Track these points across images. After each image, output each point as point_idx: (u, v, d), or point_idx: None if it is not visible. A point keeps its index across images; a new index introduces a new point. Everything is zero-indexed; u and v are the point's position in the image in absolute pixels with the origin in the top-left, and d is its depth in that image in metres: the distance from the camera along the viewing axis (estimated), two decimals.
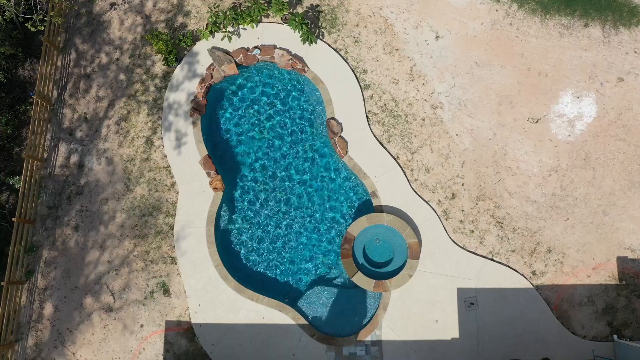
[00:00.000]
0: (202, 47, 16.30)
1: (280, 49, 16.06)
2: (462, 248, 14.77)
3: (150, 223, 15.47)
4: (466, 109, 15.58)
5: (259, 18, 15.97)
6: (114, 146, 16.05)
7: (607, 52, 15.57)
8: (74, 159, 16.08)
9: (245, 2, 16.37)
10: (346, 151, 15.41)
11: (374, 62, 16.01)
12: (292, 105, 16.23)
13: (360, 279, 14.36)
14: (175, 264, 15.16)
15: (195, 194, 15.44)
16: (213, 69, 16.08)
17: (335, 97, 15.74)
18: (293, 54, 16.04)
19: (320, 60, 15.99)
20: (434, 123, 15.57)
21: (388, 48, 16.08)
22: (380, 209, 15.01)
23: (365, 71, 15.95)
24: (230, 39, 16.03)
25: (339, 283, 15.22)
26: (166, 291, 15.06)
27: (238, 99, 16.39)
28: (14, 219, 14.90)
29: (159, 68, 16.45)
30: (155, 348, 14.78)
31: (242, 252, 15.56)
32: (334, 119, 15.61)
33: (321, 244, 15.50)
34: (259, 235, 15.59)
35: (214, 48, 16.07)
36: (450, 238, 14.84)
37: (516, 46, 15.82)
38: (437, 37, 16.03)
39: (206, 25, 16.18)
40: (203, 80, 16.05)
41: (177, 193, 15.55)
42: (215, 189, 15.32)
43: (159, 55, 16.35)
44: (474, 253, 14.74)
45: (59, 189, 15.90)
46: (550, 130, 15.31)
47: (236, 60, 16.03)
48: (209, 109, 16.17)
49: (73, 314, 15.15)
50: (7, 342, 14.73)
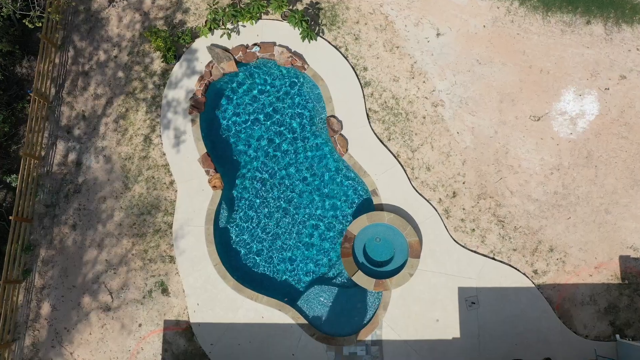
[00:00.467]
0: (201, 45, 16.18)
1: (280, 46, 15.96)
2: (463, 247, 14.68)
3: (148, 221, 15.38)
4: (467, 107, 15.48)
5: (258, 15, 15.87)
6: (112, 144, 15.95)
7: (610, 50, 15.45)
8: (72, 157, 15.97)
9: None
10: (346, 149, 15.31)
11: (375, 60, 15.90)
12: (292, 102, 16.12)
13: (360, 278, 14.27)
14: (174, 263, 15.07)
15: (194, 192, 15.34)
16: (212, 67, 15.97)
17: (336, 95, 15.63)
18: (293, 51, 15.94)
19: (320, 57, 15.88)
20: (435, 121, 15.46)
21: (388, 45, 15.97)
22: (380, 208, 14.92)
23: (365, 69, 15.85)
24: (229, 36, 15.93)
25: (339, 282, 15.13)
26: (164, 290, 14.97)
27: (237, 96, 16.28)
28: (11, 218, 14.79)
29: (157, 65, 16.34)
30: (154, 348, 14.69)
31: (241, 251, 15.46)
32: (334, 116, 15.52)
33: (321, 242, 15.41)
34: (258, 234, 15.50)
35: (213, 45, 15.98)
36: (451, 237, 14.75)
37: (518, 43, 15.70)
38: (438, 35, 15.92)
39: (205, 22, 16.07)
40: (202, 78, 15.94)
41: (176, 191, 15.45)
42: (214, 187, 15.23)
43: (158, 52, 16.24)
44: (475, 252, 14.65)
45: (57, 187, 15.80)
46: (552, 128, 15.20)
47: (235, 57, 15.92)
48: (208, 107, 16.06)
49: (71, 313, 15.05)
50: (4, 342, 14.63)
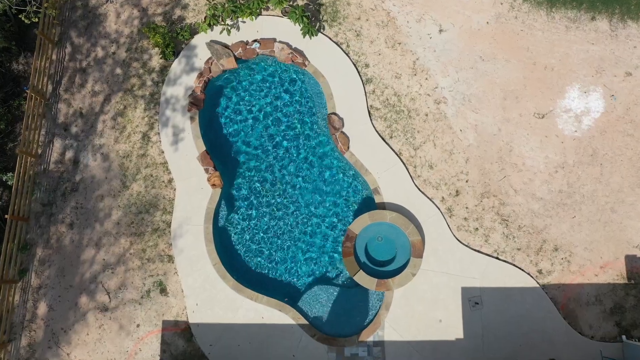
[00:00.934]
0: (200, 41, 16.00)
1: (280, 42, 15.76)
2: (467, 246, 14.49)
3: (146, 220, 15.21)
4: (470, 104, 15.28)
5: (258, 11, 15.68)
6: (110, 142, 15.79)
7: (615, 46, 15.25)
8: (69, 154, 15.81)
9: None
10: (348, 147, 15.13)
11: (376, 56, 15.71)
12: (292, 100, 15.94)
13: (362, 278, 14.09)
14: (173, 263, 14.90)
15: (193, 190, 15.18)
16: (211, 63, 15.79)
17: (337, 92, 15.46)
18: (293, 47, 15.74)
19: (321, 54, 15.69)
20: (438, 118, 15.28)
21: (390, 42, 15.78)
22: (382, 206, 14.73)
23: (367, 65, 15.65)
24: (229, 32, 15.75)
25: (340, 282, 14.96)
26: (163, 290, 14.80)
27: (237, 93, 16.10)
28: (7, 216, 14.63)
29: (156, 62, 16.16)
30: (152, 349, 14.54)
31: (241, 250, 15.28)
32: (335, 114, 15.32)
33: (322, 241, 15.22)
34: (258, 233, 15.32)
35: (212, 41, 15.79)
36: (454, 236, 14.57)
37: (521, 40, 15.50)
38: (441, 31, 15.73)
39: (204, 18, 15.88)
40: (201, 75, 15.76)
41: (175, 190, 15.28)
42: (213, 185, 15.06)
43: (156, 48, 16.06)
44: (478, 251, 14.47)
45: (54, 186, 15.64)
46: (556, 126, 15.01)
47: (235, 53, 15.74)
48: (207, 104, 15.88)
49: (68, 313, 14.89)
50: (0, 343, 14.46)
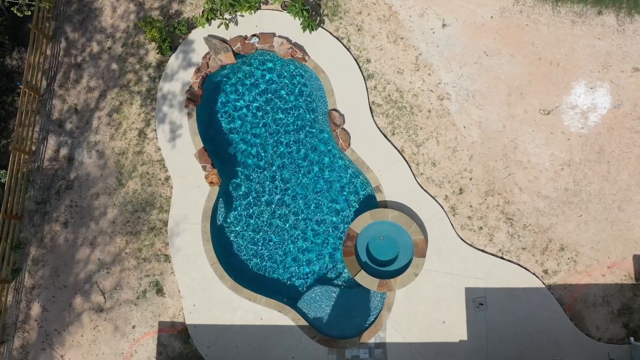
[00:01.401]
0: (198, 35, 15.72)
1: (280, 37, 15.49)
2: (471, 245, 14.24)
3: (143, 219, 14.95)
4: (474, 100, 15.02)
5: (257, 5, 15.40)
6: (106, 139, 15.52)
7: (622, 41, 15.00)
8: (64, 152, 15.55)
9: None
10: (348, 144, 14.86)
11: (378, 51, 15.43)
12: (292, 96, 15.66)
13: (363, 278, 13.84)
14: (169, 262, 14.65)
15: (190, 188, 14.92)
16: (209, 58, 15.51)
17: (337, 88, 15.18)
18: (293, 42, 15.46)
19: (321, 48, 15.42)
20: (441, 115, 15.01)
21: (392, 36, 15.50)
22: (384, 205, 14.47)
23: (368, 60, 15.37)
24: (227, 26, 15.48)
25: (340, 282, 14.70)
26: (159, 290, 14.54)
27: (235, 89, 15.82)
28: None
29: (152, 57, 15.89)
30: (148, 350, 14.29)
31: (239, 250, 15.01)
32: (335, 110, 15.04)
33: (322, 241, 14.95)
34: (257, 232, 15.04)
35: (210, 36, 15.52)
36: (457, 235, 14.30)
37: (526, 35, 15.23)
38: (444, 25, 15.46)
39: (202, 12, 15.63)
40: (199, 70, 15.49)
41: (172, 188, 15.02)
42: (211, 183, 14.81)
43: (153, 43, 15.78)
44: (482, 251, 14.22)
45: (48, 184, 15.38)
46: (562, 123, 14.74)
47: (233, 48, 15.47)
48: (205, 100, 15.61)
49: (62, 314, 14.62)
50: None
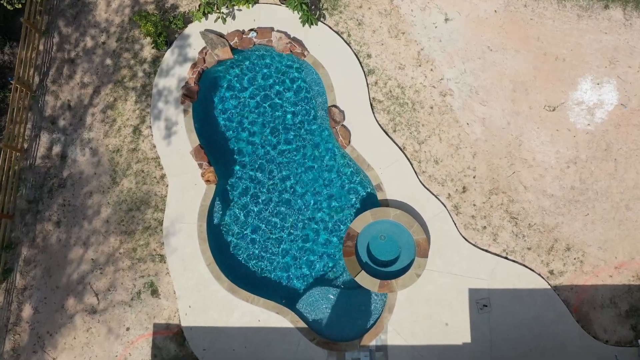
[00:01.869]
0: (194, 30, 15.47)
1: (278, 31, 15.22)
2: (474, 245, 13.97)
3: (137, 218, 14.70)
4: (478, 96, 14.74)
5: None
6: (99, 136, 15.28)
7: (629, 36, 14.71)
8: (57, 149, 15.33)
9: None
10: (349, 141, 14.58)
11: (379, 46, 15.14)
12: (291, 91, 15.38)
13: (364, 279, 13.58)
14: (164, 263, 14.42)
15: (186, 186, 14.68)
16: (206, 53, 15.25)
17: (337, 83, 14.92)
18: (292, 36, 15.19)
19: (321, 43, 15.15)
20: (443, 111, 14.73)
21: (394, 31, 15.21)
22: (385, 204, 14.22)
23: (369, 55, 15.08)
24: (224, 20, 15.21)
25: (340, 283, 14.45)
26: (154, 292, 14.30)
27: (232, 85, 15.55)
28: None
29: (147, 52, 15.62)
30: (142, 353, 14.05)
31: (237, 250, 14.75)
32: (335, 106, 14.76)
33: (322, 240, 14.68)
34: (255, 231, 14.77)
35: (206, 31, 15.24)
36: (461, 235, 14.04)
37: (531, 29, 14.94)
38: (446, 20, 15.18)
39: (198, 6, 15.35)
40: (195, 65, 15.24)
41: (167, 186, 14.79)
42: (207, 181, 14.57)
43: (148, 38, 15.53)
44: (486, 251, 13.95)
45: (40, 182, 15.15)
46: (568, 119, 14.46)
47: (231, 43, 15.22)
48: (201, 96, 15.36)
49: (54, 316, 14.38)
50: None
